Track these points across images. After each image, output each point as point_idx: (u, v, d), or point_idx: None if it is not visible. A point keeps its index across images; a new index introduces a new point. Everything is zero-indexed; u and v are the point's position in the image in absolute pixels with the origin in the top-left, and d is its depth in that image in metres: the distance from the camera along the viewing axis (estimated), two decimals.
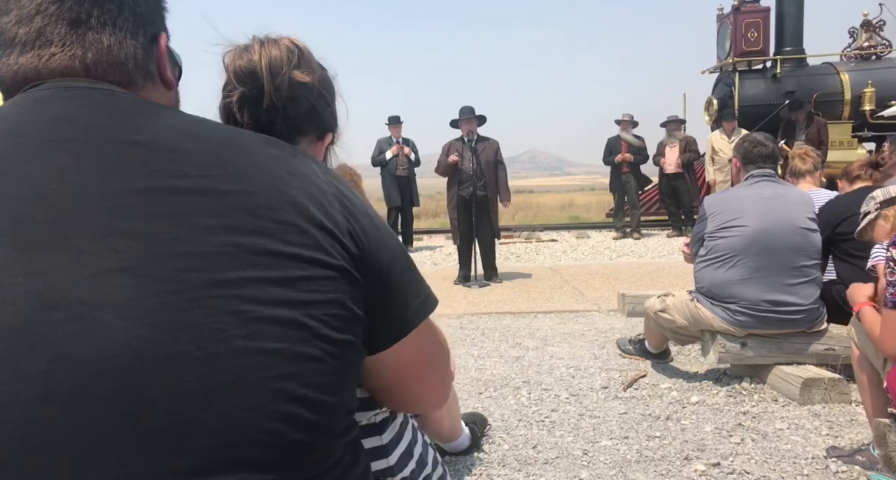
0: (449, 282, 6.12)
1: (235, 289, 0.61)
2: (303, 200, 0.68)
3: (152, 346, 0.58)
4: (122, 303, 0.58)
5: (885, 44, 10.41)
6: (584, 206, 20.83)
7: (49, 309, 0.57)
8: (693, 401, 2.76)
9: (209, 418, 0.58)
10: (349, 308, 0.68)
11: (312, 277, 0.65)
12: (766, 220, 2.79)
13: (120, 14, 0.73)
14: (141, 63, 0.75)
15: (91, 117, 0.67)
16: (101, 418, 0.56)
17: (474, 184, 5.87)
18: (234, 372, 0.60)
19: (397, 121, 8.77)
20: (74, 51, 0.70)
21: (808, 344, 2.87)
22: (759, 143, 2.96)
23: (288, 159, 0.73)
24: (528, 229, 11.36)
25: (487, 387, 3.03)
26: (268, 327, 0.62)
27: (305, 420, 0.63)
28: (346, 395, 0.71)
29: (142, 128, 0.67)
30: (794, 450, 2.25)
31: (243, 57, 1.04)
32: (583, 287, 5.69)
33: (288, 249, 0.65)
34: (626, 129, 9.37)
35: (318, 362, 0.64)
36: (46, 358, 0.56)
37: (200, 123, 0.72)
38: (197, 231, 0.62)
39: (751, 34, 10.00)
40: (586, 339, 3.89)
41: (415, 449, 1.06)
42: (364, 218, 0.74)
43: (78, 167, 0.63)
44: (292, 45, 1.06)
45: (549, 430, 2.50)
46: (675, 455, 2.23)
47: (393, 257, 0.76)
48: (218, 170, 0.66)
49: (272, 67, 1.02)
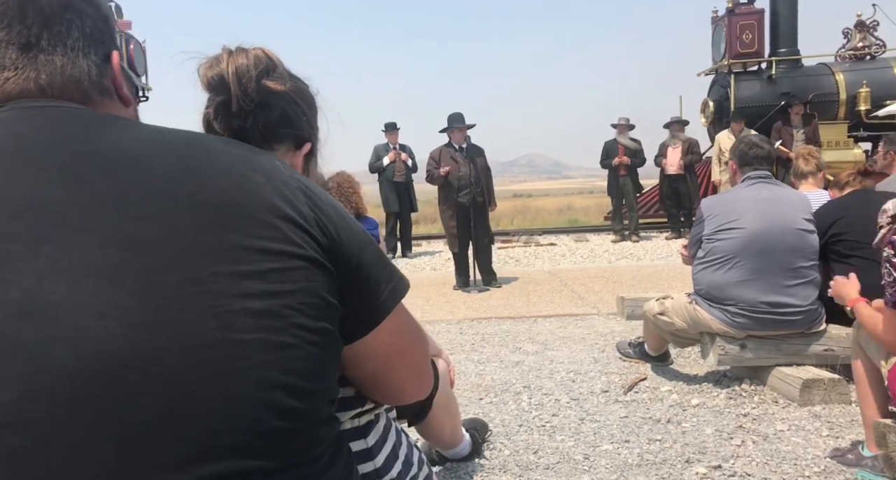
0: (448, 288, 6.12)
1: (208, 285, 0.63)
2: (268, 195, 0.70)
3: (131, 344, 0.59)
4: (98, 305, 0.60)
5: (879, 44, 10.45)
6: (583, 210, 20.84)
7: (25, 316, 0.58)
8: (693, 404, 2.76)
9: (193, 409, 0.60)
10: (323, 296, 0.71)
11: (283, 269, 0.68)
12: (764, 222, 2.80)
13: (69, 35, 0.75)
14: (96, 80, 0.77)
15: (53, 132, 0.69)
16: (84, 416, 0.57)
17: (473, 191, 5.88)
18: (213, 364, 0.62)
19: (394, 128, 8.79)
20: (28, 73, 0.73)
21: (807, 345, 2.88)
22: (755, 145, 2.97)
23: (248, 156, 0.75)
24: (526, 233, 11.36)
25: (488, 393, 3.03)
26: (242, 319, 0.64)
27: (288, 406, 0.65)
28: (327, 383, 0.73)
29: (104, 139, 0.69)
30: (795, 452, 2.25)
31: (214, 67, 1.06)
32: (582, 290, 5.69)
33: (256, 243, 0.67)
34: (623, 133, 9.39)
35: (295, 349, 0.66)
36: (25, 362, 0.57)
37: (161, 131, 0.74)
38: (166, 231, 0.64)
39: (745, 36, 10.04)
40: (586, 343, 3.89)
41: (400, 451, 1.07)
42: (330, 209, 0.77)
43: (44, 180, 0.64)
44: (262, 54, 1.08)
45: (550, 435, 2.50)
46: (676, 459, 2.23)
47: (362, 246, 0.78)
48: (181, 173, 0.68)
49: (238, 73, 1.05)
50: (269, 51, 1.10)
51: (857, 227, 2.76)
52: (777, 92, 9.86)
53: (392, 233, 8.81)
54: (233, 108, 1.05)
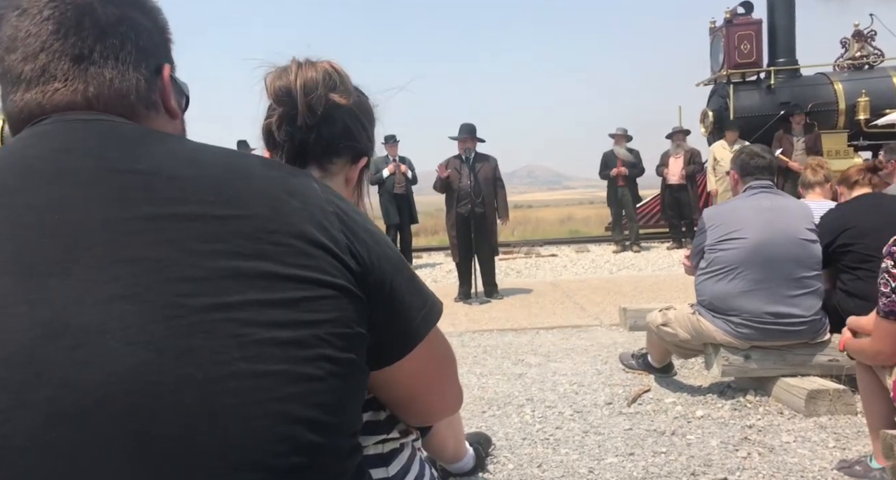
0: (449, 300, 6.10)
1: (235, 313, 0.62)
2: (301, 221, 0.69)
3: (156, 371, 0.58)
4: (126, 329, 0.59)
5: (877, 53, 10.49)
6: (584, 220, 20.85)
7: (53, 337, 0.58)
8: (698, 415, 2.74)
9: (213, 441, 0.59)
10: (352, 326, 0.69)
11: (314, 297, 0.66)
12: (766, 232, 2.79)
13: (123, 48, 0.75)
14: (143, 94, 0.76)
15: (92, 148, 0.68)
16: (106, 443, 0.57)
17: (472, 202, 5.88)
18: (236, 395, 0.60)
19: (393, 140, 8.80)
20: (77, 85, 0.73)
21: (811, 355, 2.86)
22: (757, 155, 2.97)
23: (287, 179, 0.74)
24: (527, 244, 11.36)
25: (490, 406, 3.01)
26: (268, 349, 0.62)
27: (309, 441, 0.64)
28: (350, 415, 0.71)
29: (142, 157, 0.68)
30: (801, 464, 2.23)
31: (282, 78, 1.08)
32: (584, 301, 5.67)
33: (288, 271, 0.65)
34: (620, 143, 9.40)
35: (320, 382, 0.65)
36: (51, 386, 0.56)
37: (200, 149, 0.73)
38: (197, 256, 0.63)
39: (744, 46, 10.09)
40: (589, 355, 3.87)
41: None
42: (364, 233, 0.75)
43: (80, 197, 0.64)
44: (330, 68, 1.09)
45: (554, 448, 2.48)
46: (681, 471, 2.21)
47: (396, 271, 0.77)
48: (216, 196, 0.67)
49: (306, 87, 1.06)
50: (337, 64, 1.11)
51: (867, 239, 2.70)
52: (776, 102, 9.89)
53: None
54: (298, 122, 1.06)
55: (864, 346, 1.94)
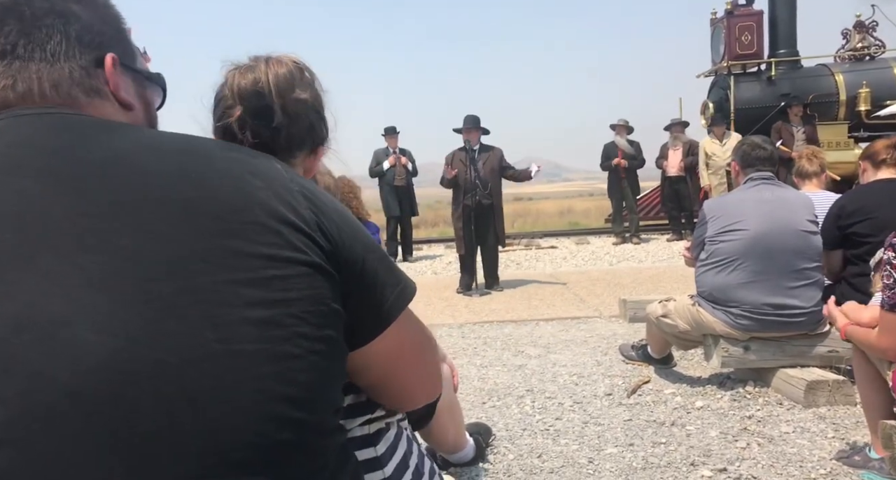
0: (450, 291, 6.11)
1: (207, 295, 0.62)
2: (268, 199, 0.69)
3: (129, 358, 0.58)
4: (95, 318, 0.58)
5: (878, 44, 10.44)
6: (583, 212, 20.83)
7: (19, 331, 0.57)
8: (697, 406, 2.75)
9: (195, 425, 0.59)
10: (326, 303, 0.69)
11: (286, 276, 0.66)
12: (767, 224, 2.79)
13: (49, 40, 0.74)
14: (79, 81, 0.75)
15: (46, 140, 0.68)
16: (83, 435, 0.56)
17: (478, 193, 5.87)
18: (214, 377, 0.60)
19: (394, 132, 8.79)
20: (5, 82, 0.72)
21: (811, 346, 2.86)
22: (758, 146, 2.96)
23: (248, 160, 0.73)
24: (527, 236, 11.36)
25: (491, 397, 3.02)
26: (243, 329, 0.62)
27: (292, 418, 0.64)
28: (332, 392, 0.71)
29: (97, 146, 0.68)
30: (800, 454, 2.24)
31: (247, 76, 1.05)
32: (584, 293, 5.68)
33: (257, 249, 0.65)
34: (621, 134, 9.39)
35: (299, 360, 0.65)
36: (21, 380, 0.56)
37: (157, 135, 0.73)
38: (163, 240, 0.63)
39: (744, 37, 10.04)
40: (589, 346, 3.88)
41: (410, 460, 1.05)
42: (333, 212, 0.75)
43: (38, 189, 0.63)
44: (294, 64, 1.07)
45: (554, 439, 2.49)
46: (681, 462, 2.22)
47: (366, 249, 0.76)
48: (179, 178, 0.67)
49: (279, 86, 1.04)
50: (300, 59, 1.09)
51: (886, 233, 2.63)
52: (777, 93, 9.85)
53: (393, 237, 8.80)
54: (274, 123, 1.04)
55: (872, 341, 1.93)
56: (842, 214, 2.88)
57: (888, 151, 2.91)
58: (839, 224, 2.88)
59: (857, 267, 2.86)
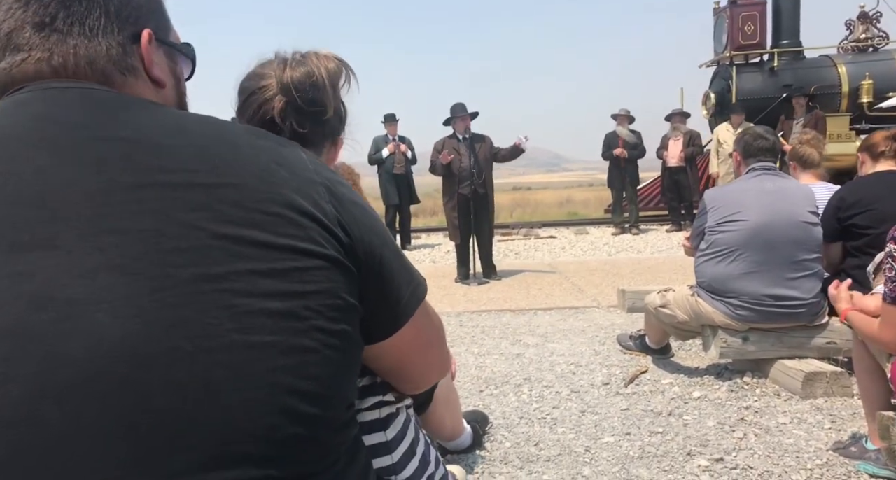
0: (448, 280, 6.10)
1: (226, 283, 0.61)
2: (291, 191, 0.68)
3: (145, 343, 0.57)
4: (113, 302, 0.57)
5: (882, 36, 10.39)
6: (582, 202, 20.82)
7: (38, 310, 0.56)
8: (695, 396, 2.75)
9: (206, 414, 0.58)
10: (343, 297, 0.68)
11: (304, 268, 0.65)
12: (768, 214, 2.77)
13: (89, 14, 0.72)
14: (116, 59, 0.74)
15: (71, 116, 0.66)
16: (94, 417, 0.56)
17: (474, 182, 5.85)
18: (228, 367, 0.59)
19: (393, 119, 8.74)
20: (41, 54, 0.70)
21: (809, 337, 2.86)
22: (760, 137, 2.94)
23: (275, 149, 0.72)
24: (526, 226, 11.34)
25: (488, 385, 3.02)
26: (261, 320, 0.61)
27: (304, 413, 0.63)
28: (346, 387, 0.71)
29: (123, 124, 0.66)
30: (797, 444, 2.24)
31: (299, 69, 1.08)
32: (582, 283, 5.67)
33: (278, 241, 0.64)
34: (623, 124, 9.36)
35: (314, 353, 0.64)
36: (38, 359, 0.55)
37: (184, 117, 0.71)
38: (184, 226, 0.61)
39: (747, 28, 9.98)
40: (586, 336, 3.88)
41: (417, 448, 1.06)
42: (353, 206, 0.74)
43: (61, 166, 0.62)
44: (338, 61, 1.11)
45: (551, 427, 2.49)
46: (677, 451, 2.22)
47: (384, 245, 0.76)
48: (203, 164, 0.65)
49: (332, 79, 1.08)
50: (339, 56, 1.12)
51: (886, 226, 2.62)
52: (779, 84, 9.81)
53: (391, 225, 8.79)
54: (325, 115, 1.08)
55: (873, 332, 1.92)
56: (841, 206, 2.87)
57: (887, 143, 2.89)
58: (839, 216, 2.87)
59: (856, 259, 2.84)
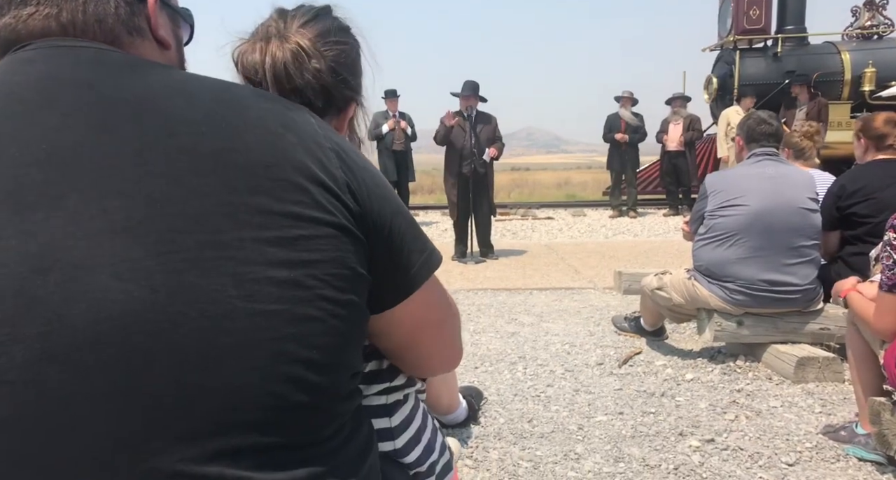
0: (445, 258, 6.10)
1: (231, 250, 0.60)
2: (299, 156, 0.66)
3: (149, 308, 0.57)
4: (118, 265, 0.57)
5: (888, 23, 10.32)
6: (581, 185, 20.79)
7: (43, 272, 0.56)
8: (688, 379, 2.78)
9: (209, 381, 0.58)
10: (351, 267, 0.67)
11: (312, 236, 0.64)
12: (768, 200, 2.77)
13: None
14: (124, 18, 0.72)
15: (79, 75, 0.65)
16: (97, 381, 0.55)
17: (474, 161, 5.83)
18: (232, 335, 0.59)
19: (394, 95, 8.67)
20: (49, 9, 0.69)
21: (803, 323, 2.89)
22: (763, 122, 2.93)
23: (283, 112, 0.70)
24: (524, 206, 11.34)
25: (483, 362, 3.04)
26: (266, 288, 0.61)
27: (309, 381, 0.63)
28: (350, 357, 0.70)
29: (131, 86, 0.65)
30: (787, 427, 2.27)
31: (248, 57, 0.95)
32: (578, 264, 5.69)
33: (285, 207, 0.63)
34: (626, 106, 9.32)
35: (319, 323, 0.64)
36: (42, 321, 0.55)
37: (191, 79, 0.70)
38: (189, 190, 0.61)
39: (753, 12, 9.90)
40: (582, 316, 3.90)
41: (423, 436, 1.06)
42: (363, 173, 0.72)
43: (68, 126, 0.61)
44: (297, 46, 0.94)
45: (545, 405, 2.52)
46: (669, 431, 2.25)
47: (395, 213, 0.74)
48: (210, 127, 0.64)
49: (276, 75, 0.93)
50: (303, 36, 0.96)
51: (884, 214, 2.57)
52: (782, 70, 9.77)
53: None
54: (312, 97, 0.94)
55: (869, 317, 1.93)
56: (842, 195, 2.87)
57: (887, 126, 2.86)
58: (839, 205, 2.88)
59: (855, 246, 2.86)
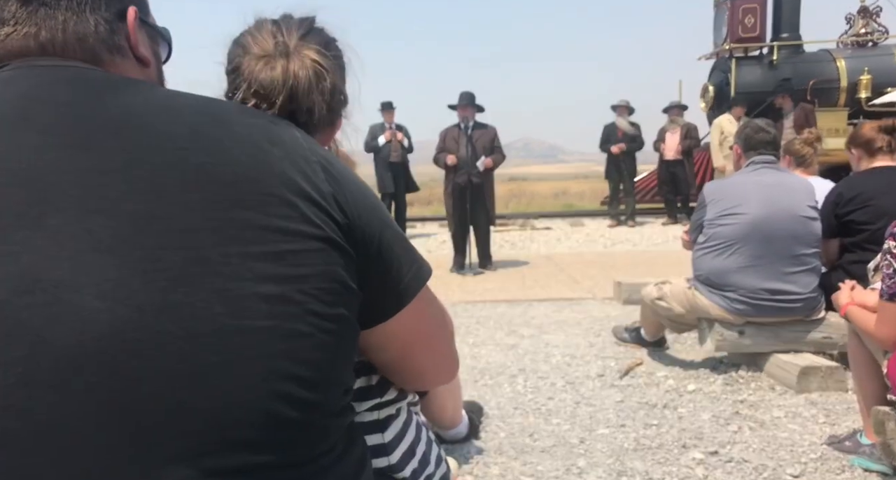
0: (443, 270, 6.09)
1: (217, 266, 0.59)
2: (285, 170, 0.65)
3: (135, 328, 0.55)
4: (102, 285, 0.55)
5: (882, 30, 10.37)
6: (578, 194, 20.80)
7: (25, 293, 0.54)
8: (690, 389, 2.75)
9: (198, 400, 0.57)
10: (340, 280, 0.66)
11: (299, 250, 0.63)
12: (767, 208, 2.76)
13: None
14: (105, 37, 0.71)
15: (59, 94, 0.64)
16: (84, 404, 0.54)
17: (469, 171, 5.83)
18: (220, 353, 0.58)
19: (390, 107, 8.68)
20: (28, 29, 0.68)
21: (805, 332, 2.86)
22: (761, 130, 2.92)
23: (269, 127, 0.70)
24: (522, 217, 11.33)
25: (483, 375, 3.01)
26: (254, 304, 0.59)
27: (300, 398, 0.62)
28: (341, 372, 0.69)
29: (113, 104, 0.64)
30: (791, 438, 2.24)
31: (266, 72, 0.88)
32: (578, 275, 5.67)
33: (272, 222, 0.62)
34: (623, 115, 9.34)
35: (309, 338, 0.62)
36: (25, 344, 0.54)
37: (174, 96, 0.69)
38: (174, 207, 0.59)
39: (747, 20, 9.95)
40: (582, 327, 3.88)
41: (417, 448, 1.04)
42: (350, 185, 0.72)
43: (49, 145, 0.60)
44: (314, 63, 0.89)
45: (546, 418, 2.48)
46: (672, 443, 2.22)
47: (383, 225, 0.74)
48: (195, 143, 0.63)
49: (300, 90, 0.87)
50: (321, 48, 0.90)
51: (882, 221, 2.54)
52: (778, 78, 9.80)
53: None
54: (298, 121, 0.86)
55: (870, 328, 1.91)
56: (839, 202, 2.86)
57: (882, 138, 2.85)
58: (837, 212, 2.87)
59: (854, 254, 2.84)
